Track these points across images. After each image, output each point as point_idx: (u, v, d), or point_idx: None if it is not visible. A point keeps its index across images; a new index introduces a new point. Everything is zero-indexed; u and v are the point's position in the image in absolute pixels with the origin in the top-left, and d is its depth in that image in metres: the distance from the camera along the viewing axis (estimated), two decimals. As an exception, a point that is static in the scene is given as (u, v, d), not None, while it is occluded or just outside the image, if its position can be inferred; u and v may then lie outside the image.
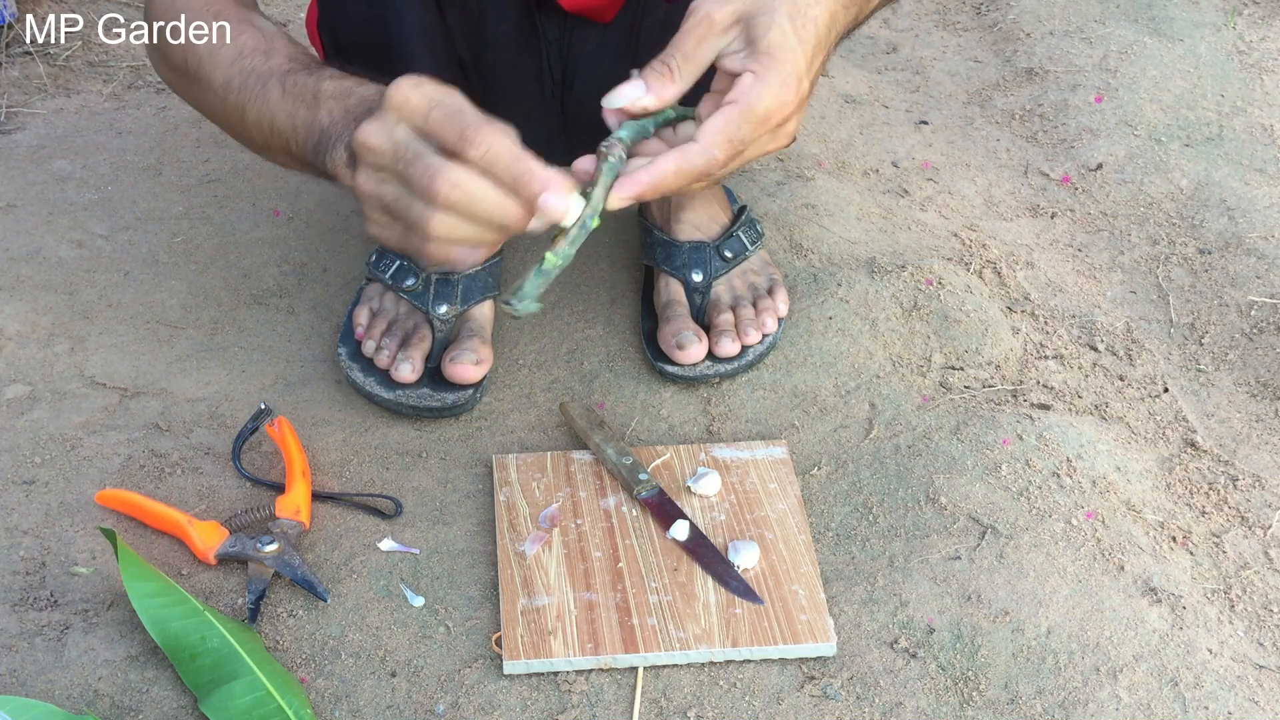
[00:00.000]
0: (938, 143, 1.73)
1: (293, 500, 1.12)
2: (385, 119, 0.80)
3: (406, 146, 0.79)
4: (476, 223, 0.80)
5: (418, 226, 0.80)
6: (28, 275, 1.41)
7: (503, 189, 0.79)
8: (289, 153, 0.95)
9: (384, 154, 0.80)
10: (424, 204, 0.79)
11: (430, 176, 0.78)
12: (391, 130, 0.80)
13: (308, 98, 0.92)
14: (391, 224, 0.83)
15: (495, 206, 0.79)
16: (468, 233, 0.80)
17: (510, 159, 0.79)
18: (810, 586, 1.06)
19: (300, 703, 0.95)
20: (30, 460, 1.18)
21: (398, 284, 1.29)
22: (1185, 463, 1.23)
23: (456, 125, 0.79)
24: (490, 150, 0.78)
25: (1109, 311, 1.43)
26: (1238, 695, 1.00)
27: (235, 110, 0.98)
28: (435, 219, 0.79)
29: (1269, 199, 1.58)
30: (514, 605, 1.04)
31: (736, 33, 0.87)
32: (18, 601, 1.05)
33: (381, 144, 0.80)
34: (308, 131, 0.92)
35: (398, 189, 0.81)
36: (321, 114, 0.91)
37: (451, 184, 0.78)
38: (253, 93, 0.96)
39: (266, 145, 0.98)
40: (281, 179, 1.58)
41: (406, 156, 0.79)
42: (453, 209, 0.79)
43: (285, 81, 0.95)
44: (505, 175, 0.79)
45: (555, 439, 1.23)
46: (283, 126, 0.94)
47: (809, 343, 1.32)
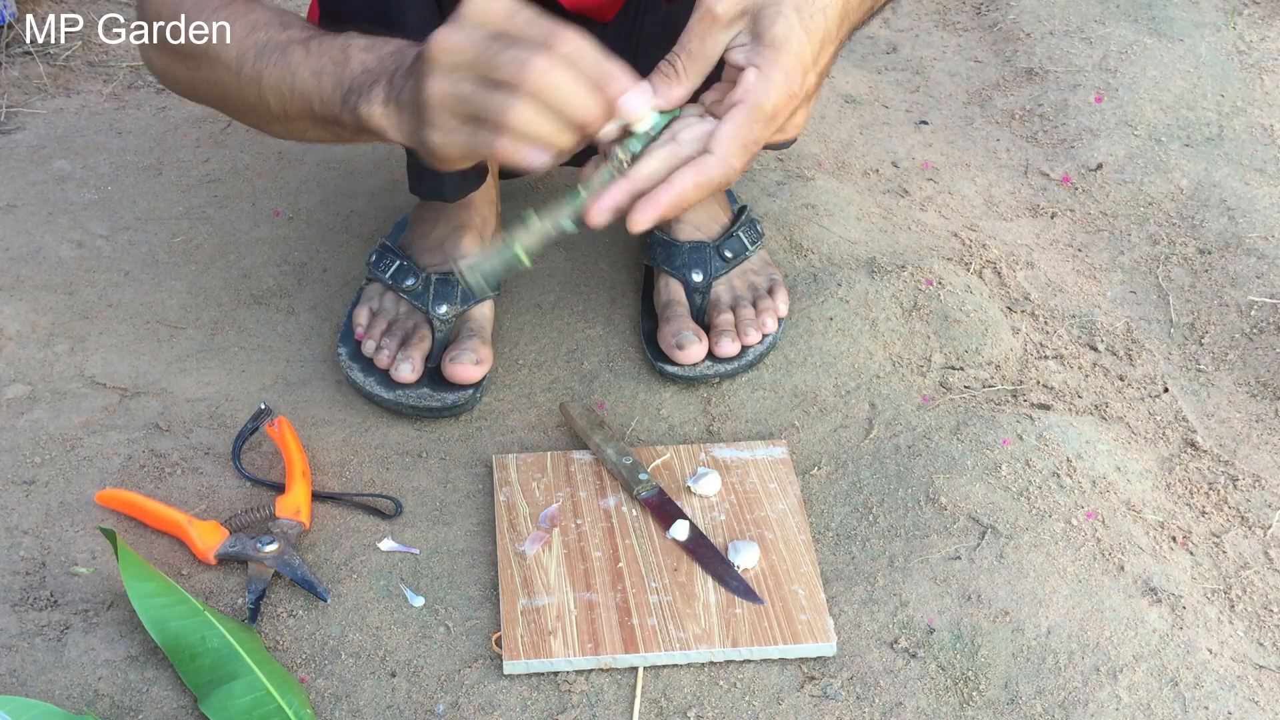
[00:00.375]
0: (938, 143, 1.73)
1: (293, 500, 1.12)
2: (463, 25, 0.81)
3: (490, 44, 0.80)
4: (556, 117, 0.81)
5: (498, 119, 0.81)
6: (28, 275, 1.41)
7: (585, 84, 0.81)
8: (310, 113, 0.96)
9: (466, 50, 0.81)
10: (506, 94, 0.80)
11: (521, 62, 0.79)
12: (470, 32, 0.81)
13: (336, 54, 0.94)
14: (461, 126, 0.84)
15: (579, 99, 0.80)
16: (545, 128, 0.81)
17: (596, 58, 0.81)
18: (810, 586, 1.06)
19: (300, 703, 0.95)
20: (30, 460, 1.18)
21: (397, 284, 1.29)
22: (1185, 463, 1.23)
23: (543, 26, 0.80)
24: (576, 48, 0.80)
25: (1109, 311, 1.43)
26: (1238, 695, 1.00)
27: (250, 81, 0.99)
28: (517, 108, 0.80)
29: (1269, 199, 1.58)
30: (514, 605, 1.04)
31: (742, 26, 0.87)
32: (18, 601, 1.05)
33: (463, 41, 0.81)
34: (335, 84, 0.93)
35: (475, 85, 0.82)
36: (353, 64, 0.93)
37: (542, 70, 0.79)
38: (271, 60, 0.97)
39: (284, 111, 0.99)
40: (281, 179, 1.58)
41: (494, 48, 0.80)
42: (538, 96, 0.80)
43: (309, 45, 0.96)
44: (592, 72, 0.80)
45: (555, 439, 1.23)
46: (306, 85, 0.95)
47: (809, 343, 1.32)
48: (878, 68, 1.91)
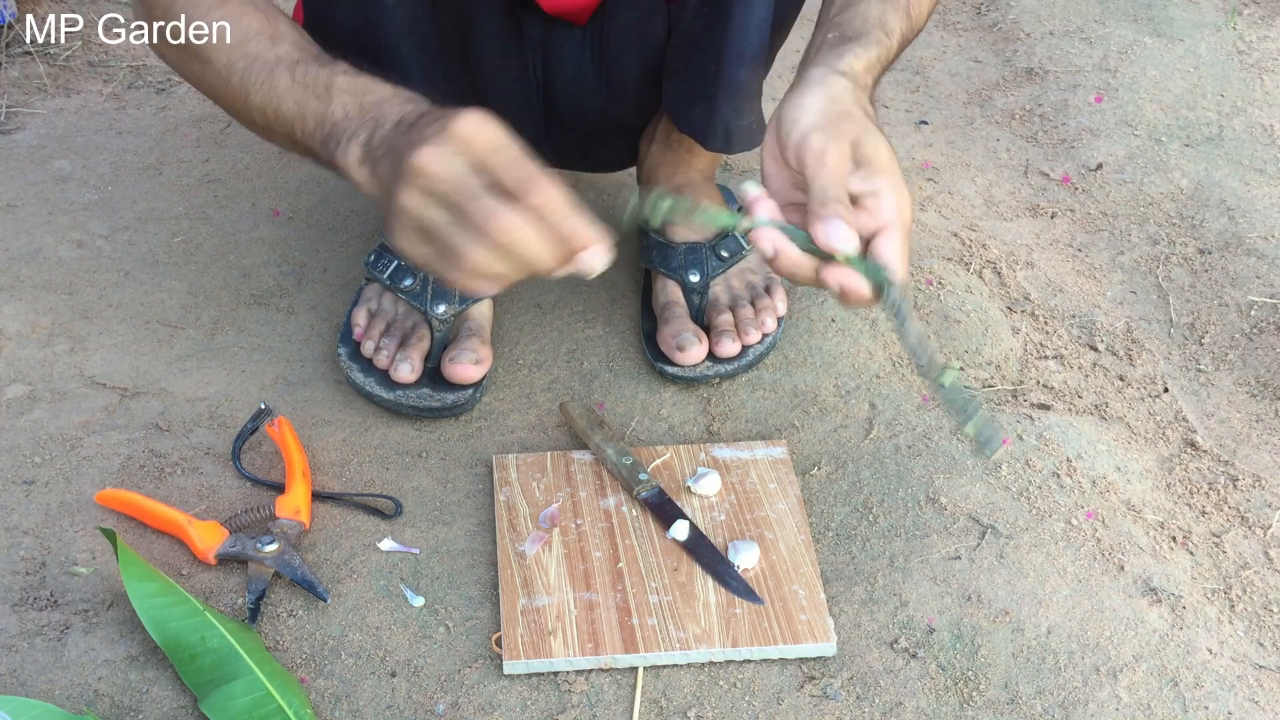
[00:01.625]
0: (938, 143, 1.73)
1: (293, 500, 1.12)
2: (445, 148, 0.83)
3: (465, 182, 0.82)
4: (512, 264, 0.83)
5: (456, 255, 0.83)
6: (28, 275, 1.41)
7: (548, 239, 0.82)
8: (292, 139, 0.98)
9: (442, 181, 0.82)
10: (469, 236, 0.82)
11: (487, 216, 0.81)
12: (450, 160, 0.82)
13: (319, 89, 0.95)
14: (424, 244, 0.86)
15: (537, 254, 0.82)
16: (499, 270, 0.83)
17: (564, 214, 0.82)
18: (810, 586, 1.06)
19: (300, 703, 0.95)
20: (30, 460, 1.18)
21: (396, 284, 1.29)
22: (1185, 463, 1.23)
23: (519, 171, 0.82)
24: (547, 201, 0.81)
25: (1109, 311, 1.43)
26: (1238, 695, 1.00)
27: (239, 93, 1.00)
28: (477, 253, 0.82)
29: (1269, 199, 1.58)
30: (514, 605, 1.04)
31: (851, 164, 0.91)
32: (18, 601, 1.05)
33: (440, 172, 0.82)
34: (317, 122, 0.95)
35: (445, 216, 0.83)
36: (334, 107, 0.94)
37: (505, 228, 0.81)
38: (258, 78, 0.98)
39: (268, 129, 1.00)
40: (281, 179, 1.58)
41: (466, 192, 0.82)
42: (498, 247, 0.82)
43: (295, 71, 0.97)
44: (557, 227, 0.82)
45: (555, 439, 1.23)
46: (289, 114, 0.97)
47: (809, 343, 1.32)
48: (878, 68, 1.91)
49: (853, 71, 0.95)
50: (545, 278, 0.84)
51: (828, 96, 0.91)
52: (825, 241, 0.86)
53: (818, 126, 0.89)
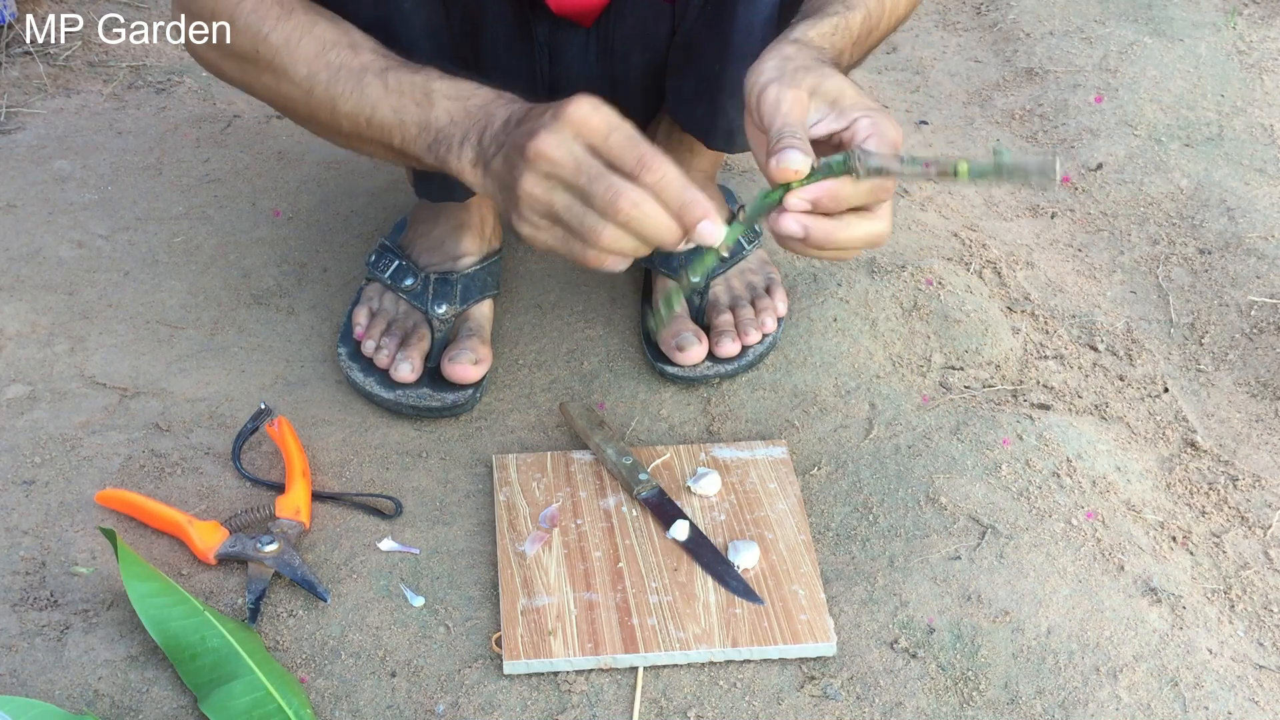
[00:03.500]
0: (938, 143, 1.73)
1: (293, 500, 1.12)
2: (562, 134, 0.87)
3: (588, 163, 0.86)
4: (639, 238, 0.87)
5: (588, 235, 0.87)
6: (28, 275, 1.41)
7: (669, 212, 0.86)
8: (387, 145, 1.00)
9: (564, 166, 0.87)
10: (598, 217, 0.86)
11: (615, 194, 0.85)
12: (570, 145, 0.87)
13: (418, 95, 0.97)
14: (552, 228, 0.90)
15: (662, 227, 0.87)
16: (628, 245, 0.88)
17: (680, 186, 0.86)
18: (810, 586, 1.06)
19: (300, 703, 0.95)
20: (30, 460, 1.18)
21: (396, 284, 1.29)
22: (1185, 463, 1.23)
23: (635, 151, 0.86)
24: (664, 177, 0.86)
25: (1109, 311, 1.43)
26: (1238, 695, 1.00)
27: (324, 103, 1.02)
28: (607, 231, 0.87)
29: (1269, 199, 1.58)
30: (514, 605, 1.04)
31: (813, 105, 0.93)
32: (18, 601, 1.05)
33: (562, 157, 0.86)
34: (420, 128, 0.97)
35: (571, 199, 0.87)
36: (437, 112, 0.96)
37: (633, 203, 0.85)
38: (346, 86, 1.00)
39: (357, 135, 1.02)
40: (281, 179, 1.58)
41: (590, 172, 0.86)
42: (626, 225, 0.86)
43: (386, 78, 0.99)
44: (674, 200, 0.87)
45: (555, 439, 1.23)
46: (386, 121, 0.99)
47: (809, 343, 1.32)
48: (878, 67, 1.91)
49: (804, 37, 0.97)
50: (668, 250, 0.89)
51: (780, 56, 0.94)
52: (775, 168, 0.88)
53: (771, 80, 0.92)
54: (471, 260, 1.31)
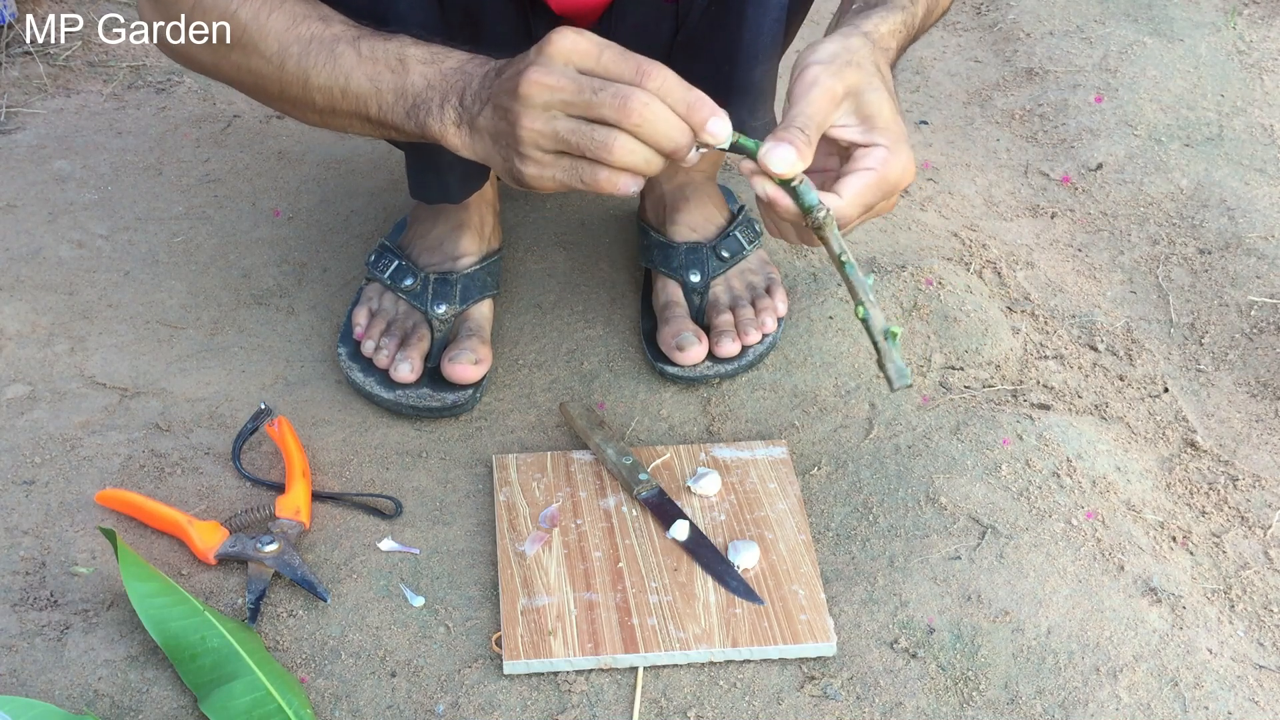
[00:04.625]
0: (938, 143, 1.73)
1: (293, 500, 1.12)
2: (553, 64, 0.86)
3: (588, 80, 0.86)
4: (652, 144, 0.86)
5: (599, 152, 0.86)
6: (28, 275, 1.41)
7: (677, 115, 0.86)
8: (363, 116, 0.98)
9: (563, 89, 0.85)
10: (608, 129, 0.86)
11: (624, 97, 0.84)
12: (562, 71, 0.86)
13: (392, 62, 0.96)
14: (559, 160, 0.88)
15: (675, 128, 0.86)
16: (641, 158, 0.87)
17: (683, 88, 0.86)
18: (810, 586, 1.06)
19: (300, 703, 0.95)
20: (30, 460, 1.18)
21: (396, 284, 1.29)
22: (1185, 463, 1.23)
23: (630, 62, 0.86)
24: (665, 81, 0.86)
25: (1109, 311, 1.43)
26: (1238, 695, 1.00)
27: (296, 77, 1.00)
28: (620, 142, 0.86)
29: (1269, 199, 1.58)
30: (514, 605, 1.04)
31: (847, 106, 0.93)
32: (18, 601, 1.05)
33: (558, 81, 0.85)
34: (397, 95, 0.96)
35: (574, 122, 0.86)
36: (413, 77, 0.95)
37: (643, 103, 0.84)
38: (318, 58, 0.98)
39: (331, 108, 1.00)
40: (281, 179, 1.58)
41: (591, 86, 0.85)
42: (639, 130, 0.85)
43: (359, 46, 0.97)
44: (680, 102, 0.86)
45: (555, 439, 1.23)
46: (362, 90, 0.97)
47: (809, 343, 1.32)
48: (878, 68, 1.91)
49: (876, 33, 0.97)
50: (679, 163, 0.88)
51: (844, 46, 0.94)
52: (764, 158, 0.88)
53: (821, 63, 0.92)
54: (471, 260, 1.31)
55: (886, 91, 0.94)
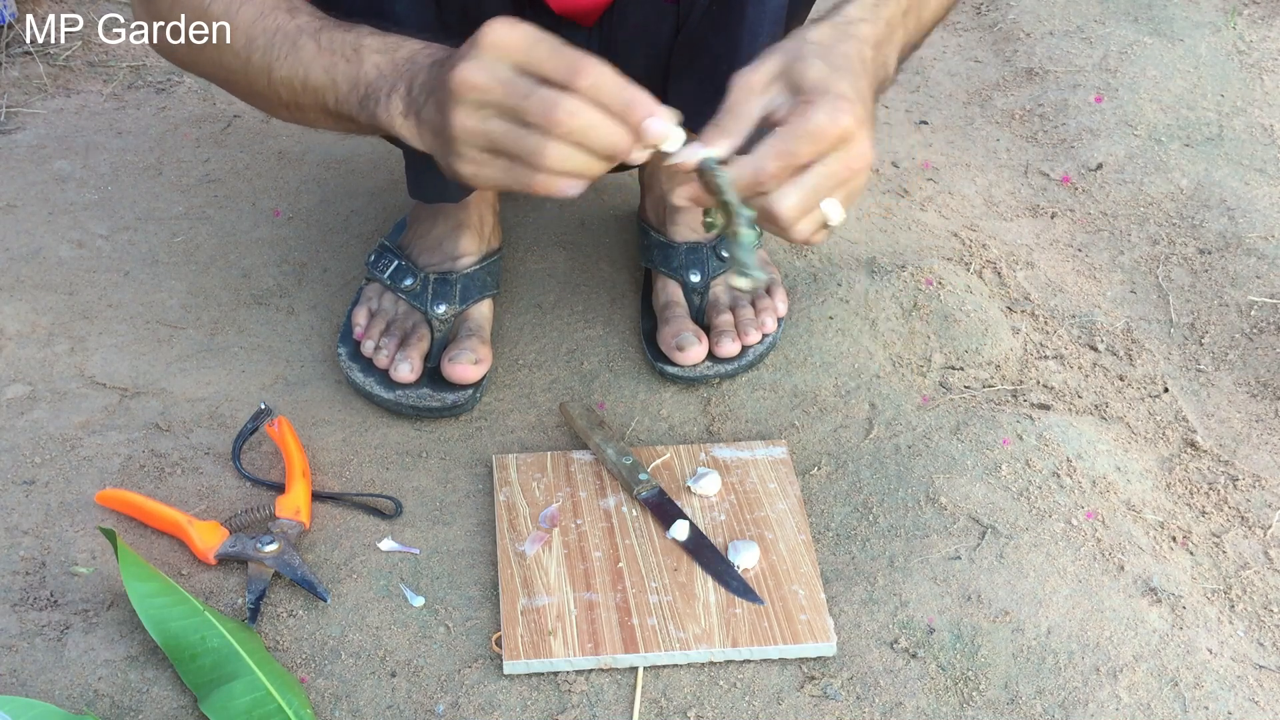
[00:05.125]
0: (938, 143, 1.73)
1: (293, 500, 1.12)
2: (482, 58, 0.82)
3: (516, 82, 0.82)
4: (588, 151, 0.83)
5: (531, 158, 0.83)
6: (28, 275, 1.41)
7: (613, 116, 0.82)
8: (323, 108, 0.97)
9: (491, 90, 0.82)
10: (539, 136, 0.82)
11: (549, 107, 0.81)
12: (494, 68, 0.82)
13: (348, 52, 0.94)
14: (493, 160, 0.85)
15: (609, 133, 0.82)
16: (579, 163, 0.83)
17: (618, 87, 0.82)
18: (810, 586, 1.06)
19: (300, 703, 0.95)
20: (30, 460, 1.18)
21: (396, 284, 1.29)
22: (1185, 463, 1.23)
23: (563, 59, 0.82)
24: (598, 79, 0.82)
25: (1109, 311, 1.43)
26: (1238, 695, 1.00)
27: (260, 69, 0.99)
28: (551, 149, 0.82)
29: (1269, 199, 1.58)
30: (514, 605, 1.04)
31: (778, 89, 0.90)
32: (18, 601, 1.05)
33: (487, 81, 0.82)
34: (351, 85, 0.94)
35: (506, 124, 0.83)
36: (366, 67, 0.93)
37: (570, 112, 0.81)
38: (281, 51, 0.97)
39: (295, 103, 0.99)
40: (281, 179, 1.58)
41: (520, 90, 0.82)
42: (569, 138, 0.82)
43: (319, 38, 0.96)
44: (615, 103, 0.82)
45: (555, 439, 1.23)
46: (319, 82, 0.95)
47: (809, 343, 1.32)
48: (878, 68, 1.91)
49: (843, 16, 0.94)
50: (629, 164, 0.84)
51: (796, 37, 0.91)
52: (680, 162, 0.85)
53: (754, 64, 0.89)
54: (471, 260, 1.31)
55: (824, 61, 0.89)
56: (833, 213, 0.89)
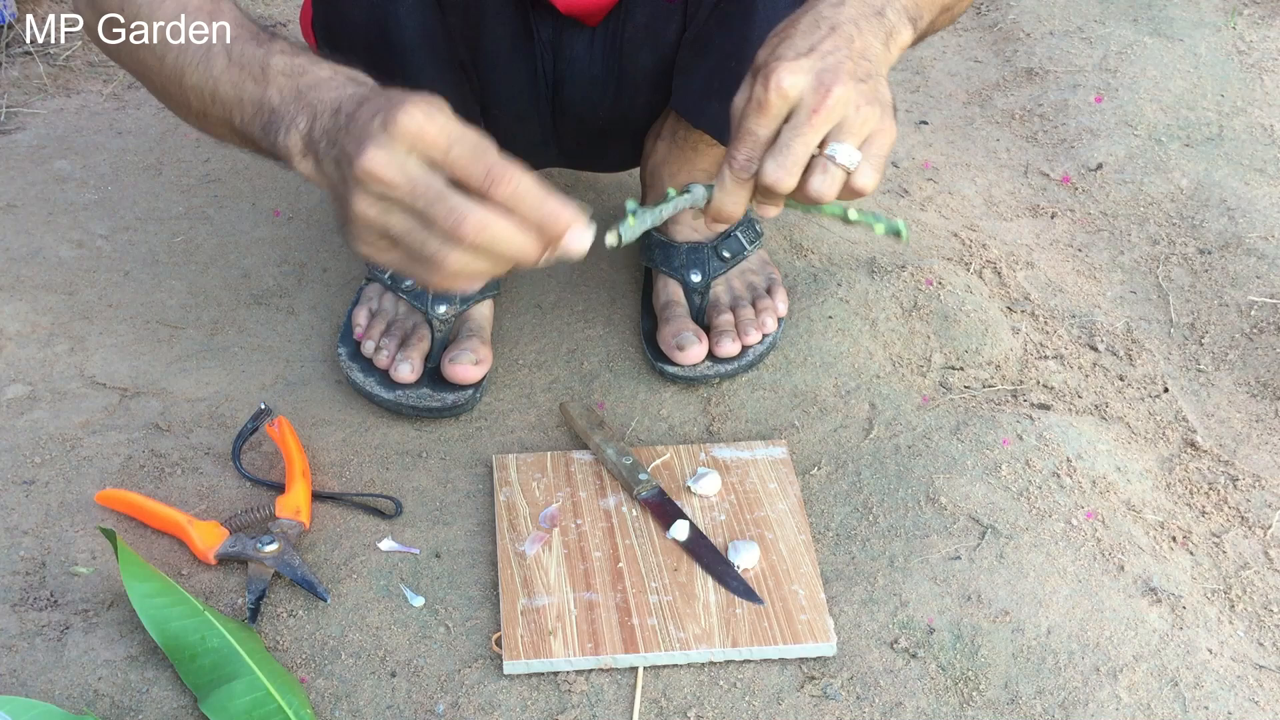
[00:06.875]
0: (938, 143, 1.73)
1: (293, 500, 1.12)
2: (394, 149, 0.77)
3: (426, 184, 0.77)
4: (492, 259, 0.80)
5: (430, 262, 0.79)
6: (28, 275, 1.41)
7: (525, 228, 0.78)
8: (230, 125, 0.91)
9: (398, 187, 0.77)
10: (442, 241, 0.78)
11: (458, 219, 0.77)
12: (404, 163, 0.77)
13: (256, 71, 0.89)
14: (391, 249, 0.81)
15: (518, 245, 0.78)
16: (480, 267, 0.80)
17: (537, 200, 0.78)
18: (810, 586, 1.06)
19: (300, 703, 0.95)
20: (30, 460, 1.18)
21: (396, 284, 1.29)
22: (1185, 463, 1.23)
23: (481, 164, 0.77)
24: (517, 190, 0.77)
25: (1109, 311, 1.43)
26: (1238, 695, 1.00)
27: (173, 73, 0.93)
28: (452, 256, 0.78)
29: (1269, 199, 1.58)
30: (514, 605, 1.04)
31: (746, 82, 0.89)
32: (18, 601, 1.05)
33: (394, 177, 0.77)
34: (256, 108, 0.88)
35: (409, 222, 0.79)
36: (271, 91, 0.87)
37: (479, 226, 0.77)
38: (193, 56, 0.92)
39: (204, 114, 0.94)
40: (281, 179, 1.58)
41: (428, 195, 0.77)
42: (473, 248, 0.78)
43: (231, 50, 0.90)
44: (531, 215, 0.78)
45: (555, 439, 1.23)
46: (227, 98, 0.90)
47: (809, 343, 1.32)
48: (878, 68, 1.91)
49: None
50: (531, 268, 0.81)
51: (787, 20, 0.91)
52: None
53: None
54: (471, 260, 1.30)
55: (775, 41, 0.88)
56: (842, 155, 0.86)
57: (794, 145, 0.86)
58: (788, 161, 0.86)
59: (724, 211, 0.89)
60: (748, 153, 0.87)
